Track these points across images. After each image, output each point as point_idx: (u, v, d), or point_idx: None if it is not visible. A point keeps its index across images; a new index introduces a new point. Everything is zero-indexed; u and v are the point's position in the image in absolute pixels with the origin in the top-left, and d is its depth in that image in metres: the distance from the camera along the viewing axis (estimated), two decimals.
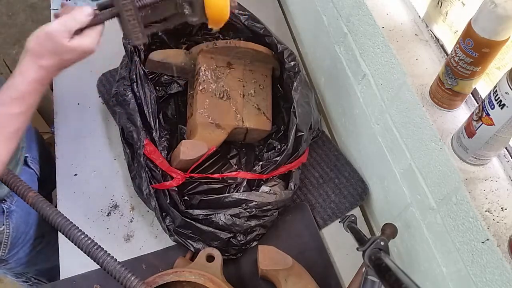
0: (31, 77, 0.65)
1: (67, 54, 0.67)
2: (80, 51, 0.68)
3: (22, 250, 1.04)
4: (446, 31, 0.76)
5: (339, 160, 1.08)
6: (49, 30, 0.65)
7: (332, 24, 1.02)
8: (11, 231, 0.99)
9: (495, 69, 0.66)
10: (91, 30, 0.69)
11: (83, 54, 0.69)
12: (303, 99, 0.95)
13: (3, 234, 0.98)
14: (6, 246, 1.00)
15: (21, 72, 0.65)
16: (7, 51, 2.36)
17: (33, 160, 1.09)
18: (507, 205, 0.62)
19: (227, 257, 0.90)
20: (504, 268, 0.58)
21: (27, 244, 1.05)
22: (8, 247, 1.00)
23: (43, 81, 0.67)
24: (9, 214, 0.97)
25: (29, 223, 1.04)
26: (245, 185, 0.96)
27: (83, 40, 0.68)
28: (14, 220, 0.98)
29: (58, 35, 0.65)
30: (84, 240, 0.65)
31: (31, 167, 1.08)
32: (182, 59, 1.00)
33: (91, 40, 0.68)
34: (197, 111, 0.95)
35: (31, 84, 0.66)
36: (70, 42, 0.66)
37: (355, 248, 0.70)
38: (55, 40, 0.65)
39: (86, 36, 0.68)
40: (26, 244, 1.05)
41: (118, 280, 0.64)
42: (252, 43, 0.99)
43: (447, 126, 0.70)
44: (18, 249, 1.03)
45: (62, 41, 0.65)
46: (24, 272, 1.13)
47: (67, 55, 0.67)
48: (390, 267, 0.58)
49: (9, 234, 0.98)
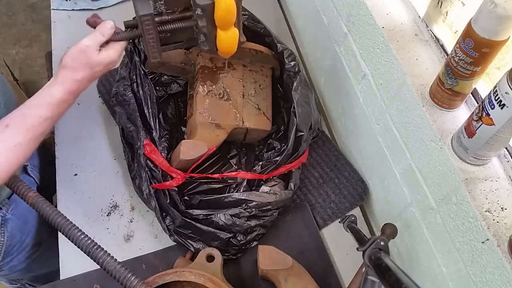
0: (67, 89, 0.73)
1: (97, 67, 0.74)
2: (107, 63, 0.75)
3: (16, 258, 1.04)
4: (446, 31, 0.76)
5: (339, 160, 1.08)
6: (82, 47, 0.73)
7: (332, 24, 1.02)
8: (6, 240, 0.98)
9: (495, 69, 0.66)
10: (115, 43, 0.76)
11: (109, 65, 0.76)
12: (303, 99, 0.95)
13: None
14: (0, 254, 0.99)
15: (58, 83, 0.72)
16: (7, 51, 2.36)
17: (34, 168, 1.09)
18: (507, 205, 0.62)
19: (227, 257, 0.90)
20: (504, 268, 0.58)
21: (22, 252, 1.04)
22: (2, 255, 0.99)
23: (75, 93, 0.75)
24: (5, 222, 0.97)
25: (25, 231, 1.03)
26: (245, 185, 0.96)
27: (109, 52, 0.75)
28: (9, 228, 0.98)
29: (89, 50, 0.73)
30: (84, 240, 0.65)
31: (31, 175, 1.08)
32: (182, 59, 1.00)
33: (115, 52, 0.76)
34: (197, 111, 0.95)
35: (66, 94, 0.73)
36: (99, 55, 0.74)
37: (355, 248, 0.70)
38: (87, 55, 0.73)
39: (111, 48, 0.76)
40: (21, 252, 1.04)
41: (118, 280, 0.64)
42: (252, 43, 0.99)
43: (447, 126, 0.70)
44: (12, 257, 1.03)
45: (93, 55, 0.73)
46: (19, 278, 1.13)
47: (97, 67, 0.74)
48: (390, 267, 0.58)
49: (3, 242, 0.98)
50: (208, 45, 0.82)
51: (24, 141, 0.70)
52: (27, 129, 0.70)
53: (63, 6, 1.34)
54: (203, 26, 0.79)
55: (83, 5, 1.33)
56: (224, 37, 0.80)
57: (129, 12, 0.80)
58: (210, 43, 0.81)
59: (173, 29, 0.80)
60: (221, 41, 0.80)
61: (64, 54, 0.74)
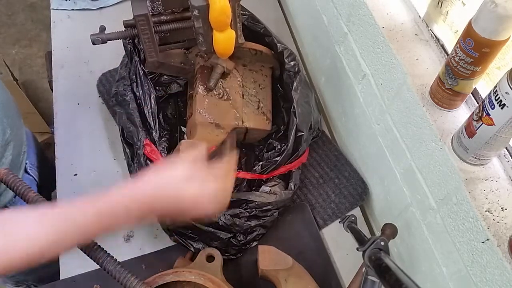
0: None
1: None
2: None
3: None
4: (447, 31, 0.75)
5: (339, 160, 1.08)
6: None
7: (332, 23, 1.02)
8: None
9: (495, 69, 0.66)
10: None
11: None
12: (303, 99, 0.95)
13: None
14: None
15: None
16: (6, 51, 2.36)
17: (32, 167, 1.09)
18: (507, 205, 0.62)
19: (227, 257, 0.90)
20: (504, 268, 0.58)
21: None
22: None
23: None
24: None
25: None
26: (245, 185, 0.96)
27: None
28: None
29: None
30: None
31: (31, 174, 1.07)
32: (182, 59, 1.00)
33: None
34: (197, 111, 0.94)
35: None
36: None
37: (355, 248, 0.70)
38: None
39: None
40: None
41: (118, 280, 0.64)
42: (252, 43, 0.99)
43: (447, 126, 0.70)
44: None
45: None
46: (25, 279, 1.13)
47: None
48: (390, 267, 0.58)
49: None
50: (205, 46, 0.83)
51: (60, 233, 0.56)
52: (70, 221, 0.56)
53: (63, 6, 1.34)
54: (199, 27, 0.79)
55: (83, 5, 1.33)
56: (220, 38, 0.80)
57: (129, 12, 0.80)
58: (207, 44, 0.82)
59: (171, 29, 0.80)
60: (218, 42, 0.81)
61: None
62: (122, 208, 0.58)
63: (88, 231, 0.58)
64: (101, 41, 0.84)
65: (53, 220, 0.56)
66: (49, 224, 0.55)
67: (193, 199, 0.62)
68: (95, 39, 0.84)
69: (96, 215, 0.57)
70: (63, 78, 1.20)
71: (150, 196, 0.60)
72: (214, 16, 0.76)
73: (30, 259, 0.53)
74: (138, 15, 0.76)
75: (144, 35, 0.78)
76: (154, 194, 0.60)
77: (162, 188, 0.61)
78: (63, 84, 1.19)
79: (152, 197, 0.60)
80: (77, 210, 0.57)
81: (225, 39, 0.80)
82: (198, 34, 0.81)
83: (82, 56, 1.23)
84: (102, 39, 0.84)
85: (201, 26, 0.79)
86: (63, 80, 1.20)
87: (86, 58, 1.23)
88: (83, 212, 0.57)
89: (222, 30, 0.79)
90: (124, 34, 0.80)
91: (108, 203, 0.58)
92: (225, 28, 0.79)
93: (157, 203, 0.60)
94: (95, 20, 1.32)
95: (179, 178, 0.61)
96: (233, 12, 0.79)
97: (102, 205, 0.58)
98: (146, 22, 0.77)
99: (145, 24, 0.77)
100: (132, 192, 0.60)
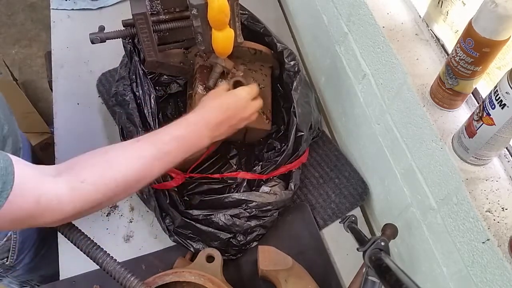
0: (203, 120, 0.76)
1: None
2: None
3: (28, 255, 1.04)
4: (447, 31, 0.75)
5: (340, 160, 1.07)
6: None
7: (333, 23, 1.02)
8: (18, 236, 0.98)
9: (495, 68, 0.66)
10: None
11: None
12: (303, 99, 0.95)
13: (11, 240, 0.97)
14: (15, 252, 0.99)
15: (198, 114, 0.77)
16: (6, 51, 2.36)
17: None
18: (507, 205, 0.62)
19: (227, 257, 0.90)
20: (505, 268, 0.58)
21: (32, 249, 1.05)
22: (17, 252, 1.00)
23: (207, 128, 0.77)
24: None
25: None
26: (245, 185, 0.96)
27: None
28: None
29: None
30: (83, 240, 0.65)
31: None
32: (181, 59, 1.00)
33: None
34: None
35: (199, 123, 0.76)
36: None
37: (356, 249, 0.70)
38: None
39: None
40: (31, 249, 1.04)
41: (117, 280, 0.64)
42: (252, 42, 0.99)
43: (448, 126, 0.70)
44: (24, 254, 1.03)
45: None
46: (29, 279, 1.13)
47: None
48: (391, 268, 0.58)
49: (17, 239, 0.98)
50: (204, 45, 0.83)
51: (148, 155, 0.67)
52: (153, 143, 0.68)
53: (63, 6, 1.34)
54: (198, 26, 0.79)
55: (83, 4, 1.33)
56: (219, 37, 0.80)
57: (129, 12, 0.80)
58: (206, 43, 0.82)
59: (170, 28, 0.80)
60: (216, 41, 0.81)
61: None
62: (196, 133, 0.74)
63: (171, 155, 0.70)
64: (100, 40, 0.84)
65: (146, 145, 0.68)
66: (143, 147, 0.68)
67: (238, 103, 0.81)
68: (94, 38, 0.84)
69: (178, 139, 0.71)
70: (62, 78, 1.20)
71: (216, 118, 0.77)
72: (212, 14, 0.76)
73: (127, 184, 0.64)
74: (136, 14, 0.76)
75: (143, 34, 0.78)
76: (216, 116, 0.77)
77: (220, 111, 0.78)
78: (62, 84, 1.19)
79: (217, 118, 0.77)
80: (159, 139, 0.70)
81: (224, 38, 0.80)
82: (197, 33, 0.81)
83: (82, 56, 1.23)
84: (101, 38, 0.84)
85: (200, 25, 0.79)
86: (63, 80, 1.20)
87: (86, 58, 1.23)
88: (164, 141, 0.70)
89: (221, 29, 0.79)
90: (123, 33, 0.80)
91: (184, 129, 0.73)
92: (223, 27, 0.79)
93: (219, 123, 0.78)
94: (95, 20, 1.32)
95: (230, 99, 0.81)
96: (232, 10, 0.79)
97: (181, 132, 0.72)
98: (144, 21, 0.77)
99: (144, 23, 0.77)
100: (199, 119, 0.76)
